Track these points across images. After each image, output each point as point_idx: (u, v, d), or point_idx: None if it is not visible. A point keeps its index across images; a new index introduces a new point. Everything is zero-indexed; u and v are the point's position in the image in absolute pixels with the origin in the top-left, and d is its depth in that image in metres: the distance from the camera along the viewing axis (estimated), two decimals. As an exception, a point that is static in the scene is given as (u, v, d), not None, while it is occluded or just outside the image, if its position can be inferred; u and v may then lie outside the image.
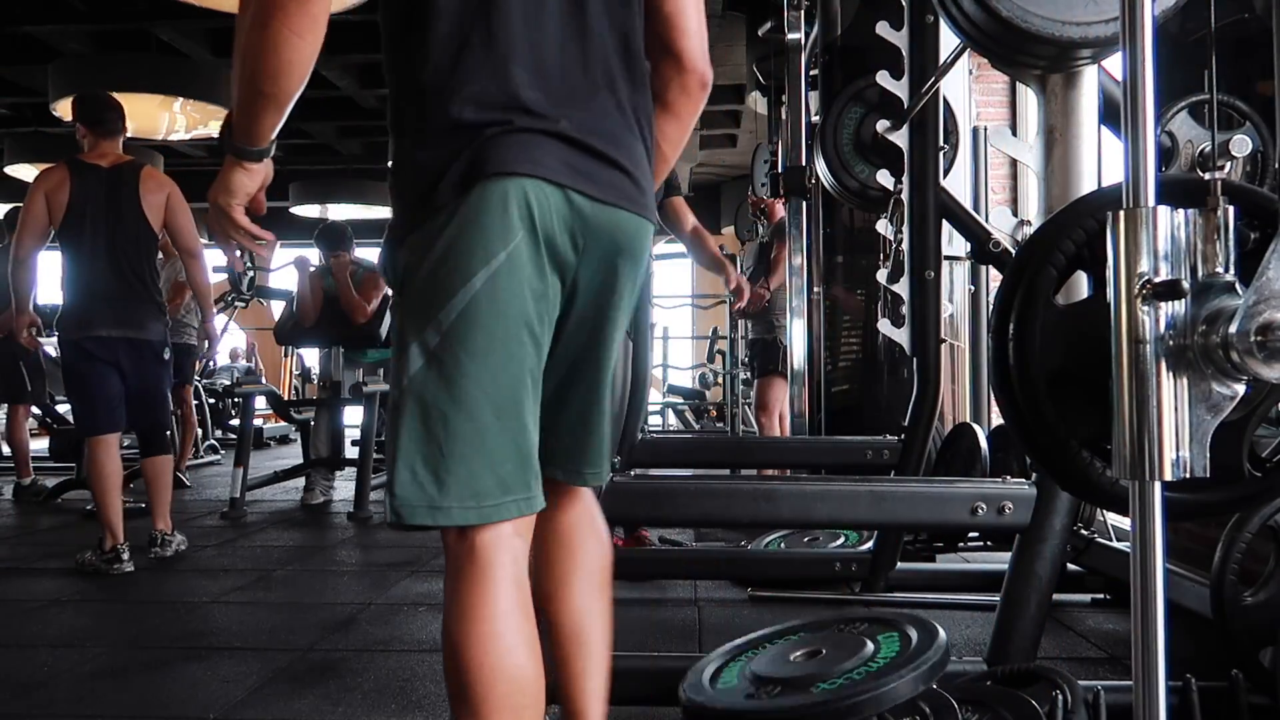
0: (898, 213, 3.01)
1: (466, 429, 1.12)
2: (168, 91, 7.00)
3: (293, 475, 5.55)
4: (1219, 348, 0.94)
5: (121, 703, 2.15)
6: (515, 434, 1.16)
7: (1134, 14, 0.94)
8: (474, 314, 1.13)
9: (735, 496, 1.89)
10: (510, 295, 1.14)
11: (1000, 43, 1.78)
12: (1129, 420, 0.94)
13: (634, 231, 1.25)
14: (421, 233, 1.16)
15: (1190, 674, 1.61)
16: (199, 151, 11.17)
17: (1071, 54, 1.77)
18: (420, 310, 1.15)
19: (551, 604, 1.36)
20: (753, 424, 7.58)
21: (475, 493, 1.13)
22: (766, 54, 6.04)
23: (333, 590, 3.27)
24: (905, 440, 2.97)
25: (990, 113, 5.17)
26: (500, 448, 1.15)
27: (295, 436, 8.28)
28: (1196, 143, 2.28)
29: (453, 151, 1.15)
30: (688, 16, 1.35)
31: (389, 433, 1.19)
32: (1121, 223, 0.95)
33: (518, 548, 1.17)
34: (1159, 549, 0.93)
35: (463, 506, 1.12)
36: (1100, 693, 1.54)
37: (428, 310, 1.14)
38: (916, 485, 2.03)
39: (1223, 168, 0.99)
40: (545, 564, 1.38)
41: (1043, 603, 1.82)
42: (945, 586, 3.05)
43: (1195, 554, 2.63)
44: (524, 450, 1.17)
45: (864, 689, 1.31)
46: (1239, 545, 1.75)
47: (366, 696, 2.17)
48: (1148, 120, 0.94)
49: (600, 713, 1.37)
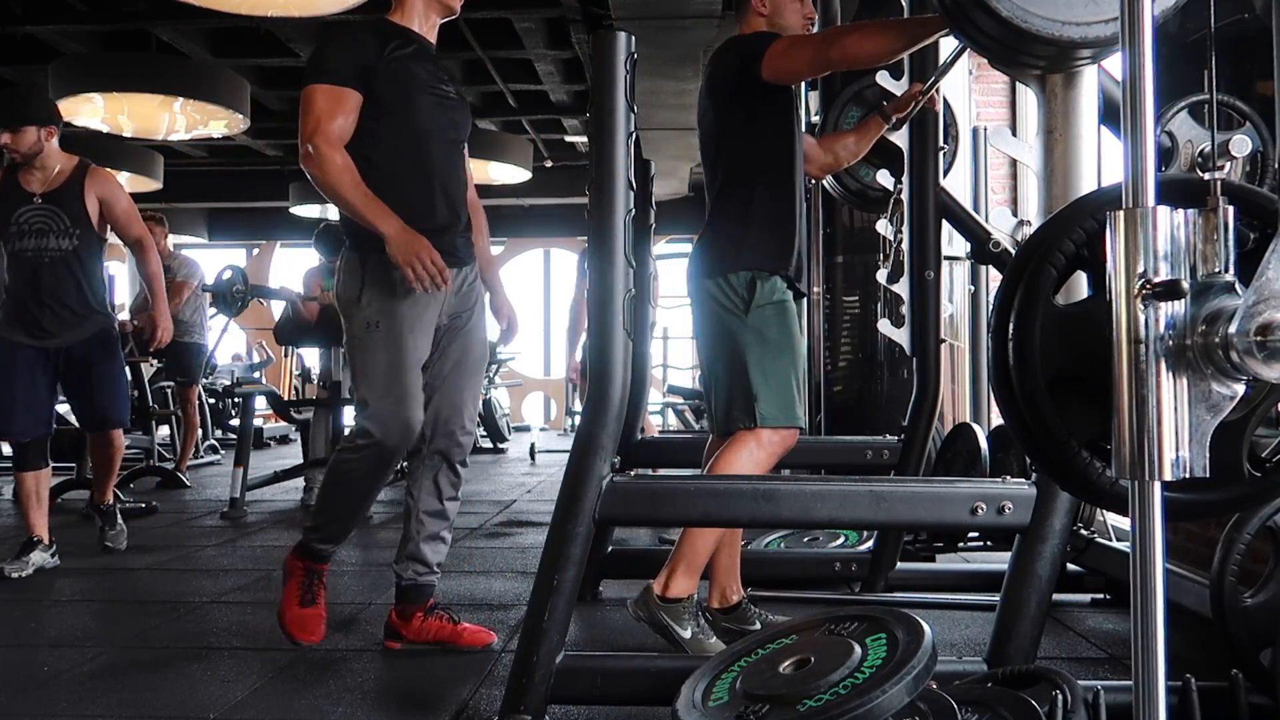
0: (898, 213, 3.02)
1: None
2: (168, 91, 6.99)
3: (293, 475, 5.55)
4: (1219, 348, 0.94)
5: (121, 703, 2.14)
6: None
7: (1134, 14, 0.95)
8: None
9: (735, 496, 1.89)
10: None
11: (1000, 43, 1.77)
12: (1129, 420, 0.94)
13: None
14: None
15: (1190, 674, 1.61)
16: (199, 151, 11.17)
17: (1071, 54, 1.77)
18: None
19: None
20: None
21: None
22: (766, 54, 6.03)
23: (333, 590, 3.26)
24: (905, 440, 2.97)
25: (990, 113, 5.17)
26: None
27: (295, 436, 8.28)
28: (1196, 143, 2.28)
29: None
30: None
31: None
32: (1121, 223, 0.95)
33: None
34: (1159, 549, 0.94)
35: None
36: (1100, 693, 1.54)
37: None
38: (916, 485, 2.03)
39: (1222, 168, 0.99)
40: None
41: (1043, 603, 1.82)
42: (945, 586, 3.05)
43: (1195, 554, 2.63)
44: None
45: (849, 709, 1.31)
46: (1239, 545, 1.75)
47: (366, 696, 2.17)
48: (1148, 120, 0.94)
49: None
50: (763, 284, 2.37)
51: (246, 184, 12.33)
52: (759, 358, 2.35)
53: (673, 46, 6.68)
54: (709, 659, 1.64)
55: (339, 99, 2.27)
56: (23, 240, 3.52)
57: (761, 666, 1.52)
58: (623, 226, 1.86)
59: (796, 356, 2.42)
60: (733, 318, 2.37)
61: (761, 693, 1.44)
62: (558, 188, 11.60)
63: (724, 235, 2.43)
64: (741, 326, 2.36)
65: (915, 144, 2.86)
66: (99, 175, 3.67)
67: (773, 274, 2.38)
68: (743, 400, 2.34)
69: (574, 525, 1.81)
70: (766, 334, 2.36)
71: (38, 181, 3.54)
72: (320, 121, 2.25)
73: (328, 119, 2.26)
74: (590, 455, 1.83)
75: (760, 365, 2.34)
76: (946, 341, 3.08)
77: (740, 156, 2.44)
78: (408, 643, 2.48)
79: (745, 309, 2.36)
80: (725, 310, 2.38)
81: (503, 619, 2.83)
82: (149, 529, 4.55)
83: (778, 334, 2.37)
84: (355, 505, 2.49)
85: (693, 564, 2.35)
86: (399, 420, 2.32)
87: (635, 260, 1.93)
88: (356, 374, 2.39)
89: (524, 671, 1.77)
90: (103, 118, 7.48)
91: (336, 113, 2.26)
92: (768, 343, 2.35)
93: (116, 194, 3.67)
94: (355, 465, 2.37)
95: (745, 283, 2.37)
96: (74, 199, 3.56)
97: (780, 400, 2.34)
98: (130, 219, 3.70)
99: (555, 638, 1.78)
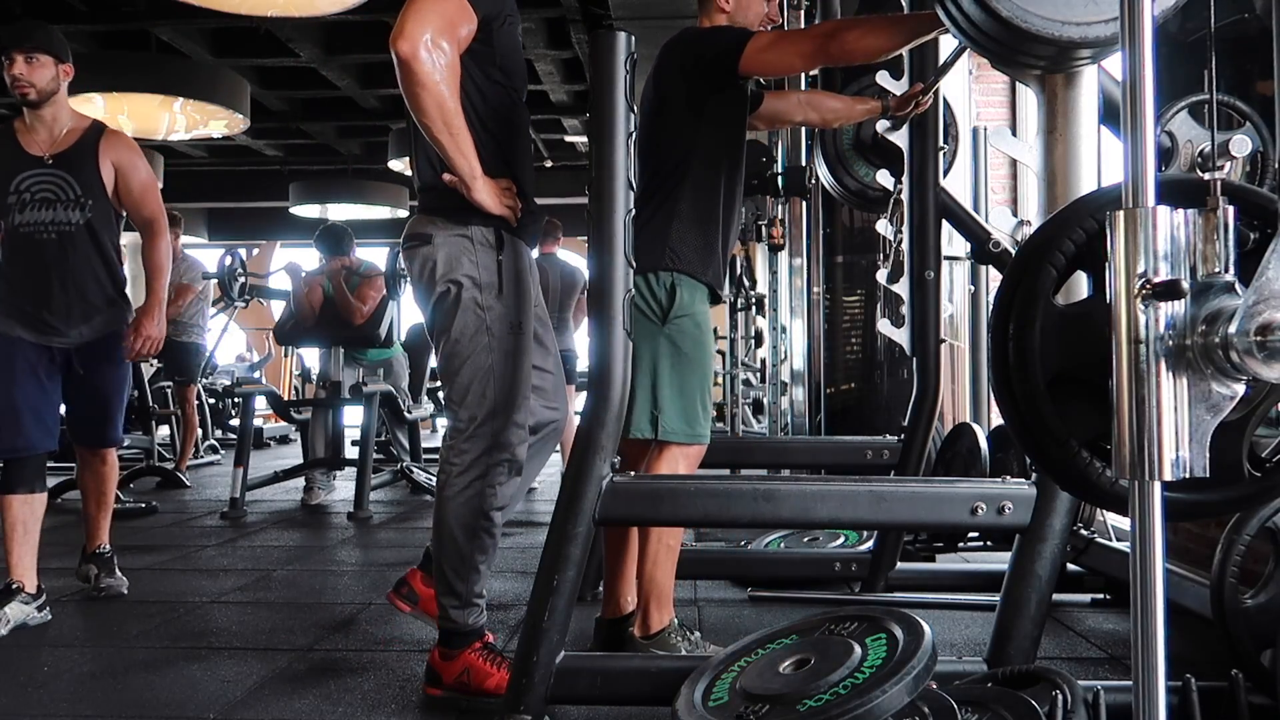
0: (898, 213, 3.02)
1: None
2: (168, 91, 7.00)
3: (293, 475, 5.55)
4: (1219, 348, 0.94)
5: (121, 703, 2.14)
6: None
7: (1134, 14, 0.94)
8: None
9: (735, 496, 1.89)
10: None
11: (1000, 43, 1.77)
12: (1129, 420, 0.94)
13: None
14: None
15: (1190, 674, 1.61)
16: (199, 151, 11.18)
17: (1071, 54, 1.77)
18: None
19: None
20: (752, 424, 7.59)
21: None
22: (766, 54, 6.02)
23: (333, 590, 3.27)
24: (905, 440, 2.97)
25: (990, 113, 5.16)
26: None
27: (295, 436, 8.28)
28: (1196, 143, 2.28)
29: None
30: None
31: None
32: (1121, 223, 0.95)
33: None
34: (1159, 549, 0.93)
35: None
36: (1100, 693, 1.54)
37: None
38: (916, 485, 2.03)
39: (1222, 168, 0.99)
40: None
41: (1043, 603, 1.82)
42: (945, 586, 3.05)
43: (1195, 554, 2.63)
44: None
45: (849, 709, 1.31)
46: (1239, 546, 1.75)
47: (366, 696, 2.17)
48: (1148, 120, 0.94)
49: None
50: (684, 291, 2.27)
51: (246, 184, 12.34)
52: (668, 369, 2.27)
53: (673, 46, 6.68)
54: (709, 659, 1.64)
55: (468, 18, 1.97)
56: (25, 212, 2.89)
57: (761, 666, 1.52)
58: (623, 226, 1.87)
59: (707, 371, 2.33)
60: (647, 322, 2.27)
61: (761, 693, 1.44)
62: (558, 188, 11.60)
63: (648, 230, 2.26)
64: (655, 333, 2.27)
65: (915, 144, 2.86)
66: (116, 138, 3.07)
67: (695, 279, 2.29)
68: (647, 409, 2.27)
69: (574, 525, 1.81)
70: (681, 346, 2.27)
71: (44, 142, 2.93)
72: (455, 22, 1.93)
73: (459, 22, 1.94)
74: (590, 455, 1.83)
75: (668, 378, 2.26)
76: (946, 341, 3.08)
77: (678, 148, 2.30)
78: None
79: (662, 317, 2.27)
80: (639, 312, 2.24)
81: (503, 619, 2.83)
82: (149, 529, 4.55)
83: (691, 348, 2.28)
84: (495, 539, 2.12)
85: (660, 596, 2.31)
86: (527, 434, 2.13)
87: (635, 260, 1.93)
88: (488, 379, 2.07)
89: (524, 671, 1.77)
90: (103, 118, 7.46)
91: (464, 25, 1.96)
92: (680, 356, 2.27)
93: (135, 161, 3.05)
94: (498, 493, 2.08)
95: (666, 287, 2.27)
96: (86, 162, 2.95)
97: (685, 415, 2.27)
98: (146, 194, 3.07)
99: (555, 638, 1.78)
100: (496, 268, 2.07)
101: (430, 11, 1.88)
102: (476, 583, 2.09)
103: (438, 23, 1.88)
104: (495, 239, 2.07)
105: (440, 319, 2.09)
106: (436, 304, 2.09)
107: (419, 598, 2.31)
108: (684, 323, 2.28)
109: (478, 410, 2.06)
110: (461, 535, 2.06)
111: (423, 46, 1.86)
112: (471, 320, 2.06)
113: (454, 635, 2.10)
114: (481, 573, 2.10)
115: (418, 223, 2.13)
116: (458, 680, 2.09)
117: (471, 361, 2.07)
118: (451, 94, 1.92)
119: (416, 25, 1.86)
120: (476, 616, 2.11)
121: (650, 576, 2.30)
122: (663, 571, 2.31)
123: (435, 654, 2.13)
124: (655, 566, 2.30)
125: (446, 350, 2.09)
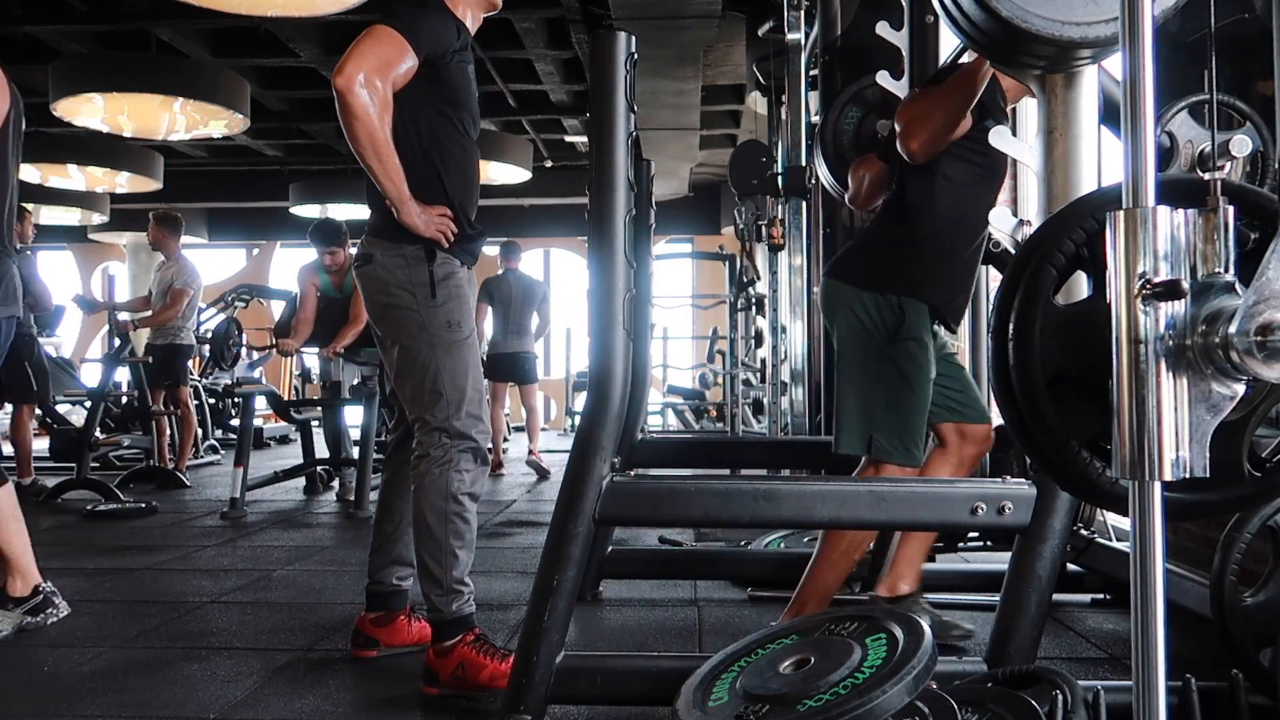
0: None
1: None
2: (168, 91, 6.99)
3: (293, 475, 5.56)
4: (1219, 348, 0.94)
5: (121, 703, 2.15)
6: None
7: (1134, 14, 0.94)
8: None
9: (735, 496, 1.89)
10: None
11: (1000, 43, 1.77)
12: (1129, 420, 0.94)
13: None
14: None
15: (1190, 674, 1.61)
16: (199, 151, 11.17)
17: (1072, 54, 1.77)
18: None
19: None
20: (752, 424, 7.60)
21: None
22: (766, 54, 6.03)
23: (333, 590, 3.27)
24: (905, 440, 2.97)
25: (990, 113, 5.15)
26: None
27: (295, 436, 8.28)
28: (1196, 143, 2.27)
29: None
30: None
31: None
32: (1121, 223, 0.95)
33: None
34: (1159, 549, 0.93)
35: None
36: (1100, 693, 1.54)
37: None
38: (916, 485, 2.03)
39: (1222, 168, 0.99)
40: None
41: (1043, 603, 1.82)
42: (945, 586, 3.05)
43: (1195, 554, 2.63)
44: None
45: (849, 709, 1.31)
46: (1239, 545, 1.75)
47: (366, 696, 2.17)
48: (1148, 120, 0.94)
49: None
50: (911, 314, 2.30)
51: (246, 184, 12.34)
52: (889, 390, 2.29)
53: (673, 46, 6.68)
54: (709, 659, 1.64)
55: (405, 58, 2.13)
56: None
57: (761, 666, 1.52)
58: (623, 226, 1.87)
59: (926, 394, 2.34)
60: (871, 339, 2.31)
61: (761, 693, 1.44)
62: (558, 188, 11.60)
63: (888, 252, 2.34)
64: (880, 352, 2.30)
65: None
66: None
67: (926, 304, 2.32)
68: (858, 426, 2.30)
69: (574, 525, 1.81)
70: (904, 368, 2.29)
71: None
72: (390, 63, 2.10)
73: (396, 63, 2.11)
74: (590, 455, 1.83)
75: (887, 398, 2.29)
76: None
77: (927, 175, 2.33)
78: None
79: (889, 336, 2.30)
80: (863, 328, 2.32)
81: (503, 619, 2.83)
82: (149, 529, 4.56)
83: (913, 371, 2.30)
84: (469, 524, 2.22)
85: (912, 560, 2.50)
86: (487, 419, 2.27)
87: (635, 260, 1.93)
88: (436, 375, 2.20)
89: (524, 671, 1.77)
90: (103, 118, 7.48)
91: (401, 64, 2.12)
92: (902, 378, 2.29)
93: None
94: (464, 477, 2.19)
95: (894, 308, 2.30)
96: None
97: (903, 437, 2.29)
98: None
99: (555, 638, 1.79)
100: (429, 277, 2.22)
101: (368, 53, 2.09)
102: (455, 568, 2.17)
103: (373, 63, 2.08)
104: (426, 255, 2.22)
105: (386, 329, 2.28)
106: (381, 316, 2.28)
107: (377, 640, 2.44)
108: (909, 345, 2.31)
109: (432, 406, 2.21)
110: (434, 520, 2.17)
111: (357, 83, 2.06)
112: (412, 328, 2.22)
113: (444, 626, 2.16)
114: (460, 558, 2.18)
115: (364, 244, 2.31)
116: (453, 675, 2.12)
117: (418, 362, 2.22)
118: (382, 125, 2.10)
119: (355, 64, 2.06)
120: (462, 604, 2.17)
121: (908, 540, 2.52)
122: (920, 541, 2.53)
123: (430, 653, 2.17)
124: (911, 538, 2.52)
125: (395, 358, 2.25)
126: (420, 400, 2.22)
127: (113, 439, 6.61)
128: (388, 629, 2.44)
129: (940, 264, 2.36)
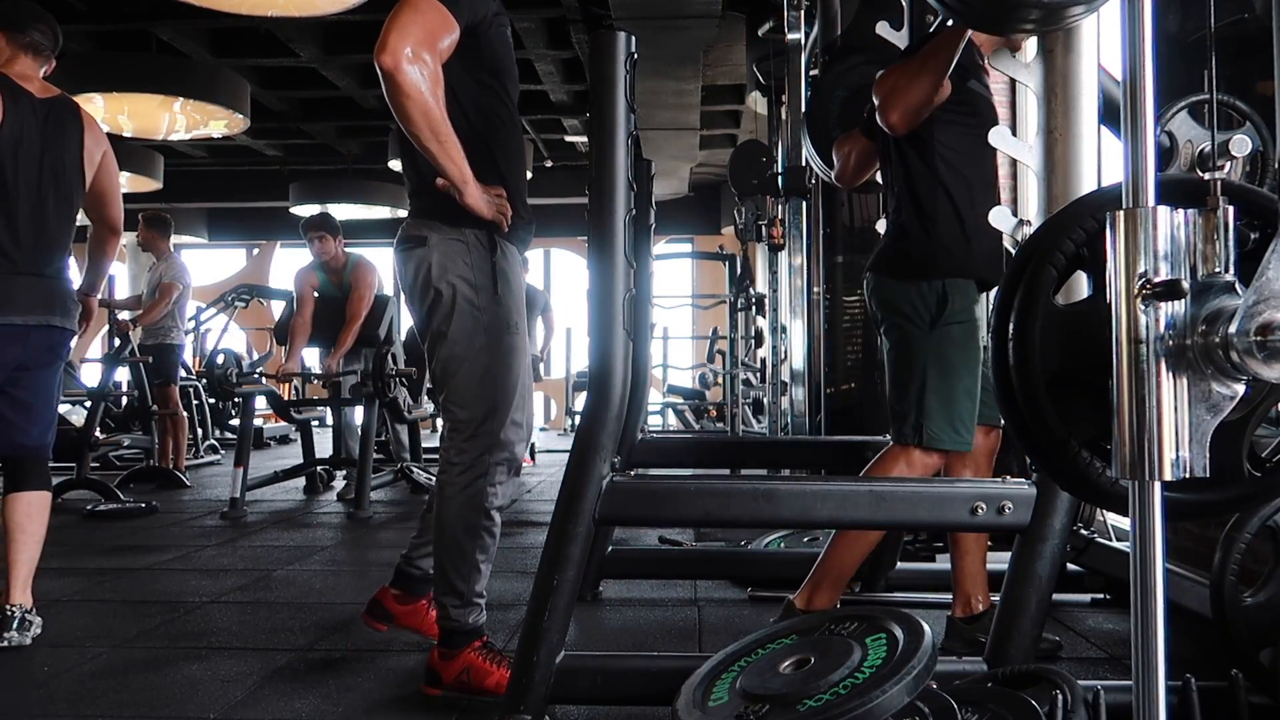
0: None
1: None
2: (168, 91, 7.00)
3: (293, 475, 5.56)
4: (1219, 348, 0.94)
5: (121, 703, 2.14)
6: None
7: (1134, 14, 0.94)
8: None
9: (735, 496, 1.89)
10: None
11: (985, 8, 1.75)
12: (1129, 420, 0.94)
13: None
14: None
15: (1190, 674, 1.61)
16: (199, 151, 11.18)
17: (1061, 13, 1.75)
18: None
19: None
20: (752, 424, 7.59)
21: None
22: (766, 54, 6.04)
23: (333, 590, 3.27)
24: (905, 440, 2.97)
25: (990, 112, 5.16)
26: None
27: (295, 436, 8.28)
28: (1196, 143, 2.27)
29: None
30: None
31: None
32: (1121, 223, 0.95)
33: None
34: (1159, 549, 0.94)
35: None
36: (1100, 693, 1.54)
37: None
38: (917, 485, 2.03)
39: (1222, 168, 0.99)
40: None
41: (1043, 603, 1.82)
42: (945, 586, 3.04)
43: (1195, 554, 2.62)
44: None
45: (849, 709, 1.31)
46: (1239, 545, 1.75)
47: (366, 696, 2.17)
48: (1148, 120, 0.94)
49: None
50: (955, 297, 2.27)
51: (246, 184, 12.34)
52: (935, 376, 2.26)
53: (673, 46, 6.68)
54: (709, 659, 1.64)
55: (449, 27, 1.97)
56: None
57: (761, 666, 1.52)
58: (623, 226, 1.87)
59: (975, 376, 2.31)
60: (914, 329, 2.29)
61: (761, 693, 1.44)
62: (558, 188, 11.60)
63: (912, 239, 2.32)
64: (923, 340, 2.28)
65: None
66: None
67: (966, 279, 2.29)
68: (913, 417, 2.29)
69: (574, 525, 1.81)
70: (946, 353, 2.27)
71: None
72: (436, 33, 1.94)
73: (440, 33, 1.95)
74: (590, 455, 1.83)
75: (934, 384, 2.26)
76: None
77: (925, 151, 2.31)
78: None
79: (930, 323, 2.28)
80: (905, 320, 2.30)
81: (503, 619, 2.83)
82: (149, 529, 4.56)
83: (957, 355, 2.28)
84: (495, 538, 2.14)
85: (975, 576, 2.48)
86: (525, 432, 2.14)
87: (635, 260, 1.93)
88: (484, 377, 2.08)
89: (524, 671, 1.77)
90: (103, 118, 7.47)
91: (446, 35, 1.97)
92: (946, 364, 2.27)
93: None
94: (497, 490, 2.10)
95: (937, 293, 2.27)
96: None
97: (951, 421, 2.28)
98: None
99: (555, 638, 1.78)
100: (491, 270, 2.09)
101: (411, 24, 1.91)
102: (477, 582, 2.11)
103: (419, 34, 1.91)
104: (489, 242, 2.08)
105: (436, 321, 2.10)
106: (432, 307, 2.10)
107: (394, 616, 2.38)
108: (952, 330, 2.28)
109: (477, 410, 2.08)
110: (463, 534, 2.08)
111: (404, 58, 1.88)
112: (468, 322, 2.07)
113: (454, 634, 2.11)
114: (482, 572, 2.12)
115: (413, 225, 2.13)
116: (457, 679, 2.10)
117: (470, 363, 2.08)
118: (436, 102, 1.94)
119: (398, 38, 1.88)
120: (477, 616, 2.12)
121: (970, 554, 2.51)
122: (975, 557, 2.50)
123: (434, 654, 2.14)
124: (967, 552, 2.50)
125: (443, 353, 2.10)
126: (463, 401, 2.09)
127: (113, 439, 6.61)
128: (408, 609, 2.37)
129: (970, 228, 2.32)
